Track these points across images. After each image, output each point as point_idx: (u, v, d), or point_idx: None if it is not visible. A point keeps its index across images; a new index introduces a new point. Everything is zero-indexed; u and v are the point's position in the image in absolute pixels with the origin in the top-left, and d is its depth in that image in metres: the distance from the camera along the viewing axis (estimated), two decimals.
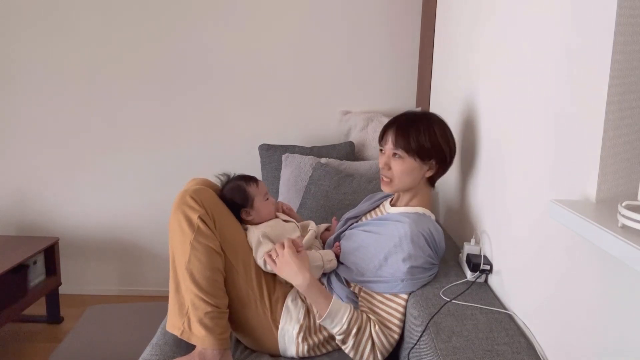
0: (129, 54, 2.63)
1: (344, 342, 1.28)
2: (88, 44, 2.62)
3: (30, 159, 2.75)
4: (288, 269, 1.30)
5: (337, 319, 1.27)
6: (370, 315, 1.33)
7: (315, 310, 1.37)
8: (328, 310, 1.26)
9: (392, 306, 1.33)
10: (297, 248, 1.33)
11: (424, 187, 1.46)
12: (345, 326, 1.26)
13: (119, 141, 2.72)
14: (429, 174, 1.42)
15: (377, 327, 1.29)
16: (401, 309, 1.32)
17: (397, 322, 1.32)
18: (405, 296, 1.33)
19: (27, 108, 2.70)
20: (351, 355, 1.30)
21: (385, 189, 1.45)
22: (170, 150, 2.72)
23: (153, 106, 2.68)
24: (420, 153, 1.37)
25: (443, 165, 1.43)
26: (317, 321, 1.31)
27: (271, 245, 1.39)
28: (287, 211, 1.63)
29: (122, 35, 2.61)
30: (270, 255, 1.34)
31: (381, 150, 1.45)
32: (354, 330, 1.27)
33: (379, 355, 1.29)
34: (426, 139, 1.37)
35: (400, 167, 1.39)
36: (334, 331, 1.28)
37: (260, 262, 1.38)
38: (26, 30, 2.62)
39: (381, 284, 1.34)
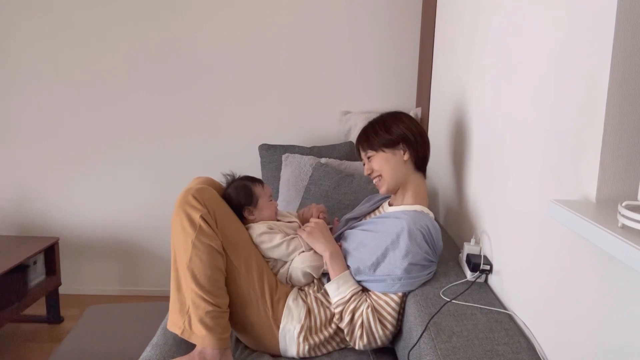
0: (129, 54, 2.63)
1: (341, 316, 1.34)
2: (89, 44, 2.62)
3: (30, 159, 2.75)
4: (320, 235, 1.43)
5: (343, 287, 1.35)
6: (369, 299, 1.36)
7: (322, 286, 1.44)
8: (338, 276, 1.36)
9: (385, 300, 1.34)
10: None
11: (414, 177, 1.49)
12: (347, 297, 1.34)
13: (119, 141, 2.72)
14: (406, 157, 1.46)
15: (369, 309, 1.33)
16: (394, 305, 1.33)
17: (389, 317, 1.33)
18: (400, 294, 1.33)
19: (27, 108, 2.70)
20: (345, 331, 1.35)
21: (382, 190, 1.50)
22: (170, 150, 2.72)
23: (153, 106, 2.68)
24: (384, 144, 1.46)
25: (414, 146, 1.47)
26: (324, 285, 1.39)
27: (280, 235, 1.44)
28: (322, 215, 1.62)
29: (122, 35, 2.61)
30: (302, 229, 1.47)
31: (363, 163, 1.55)
32: (352, 306, 1.33)
33: (365, 338, 1.33)
34: (382, 131, 1.47)
35: (378, 163, 1.48)
36: (335, 300, 1.35)
37: (276, 244, 1.43)
38: (25, 29, 2.62)
39: (378, 283, 1.35)
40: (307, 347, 1.36)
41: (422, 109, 2.42)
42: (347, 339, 1.36)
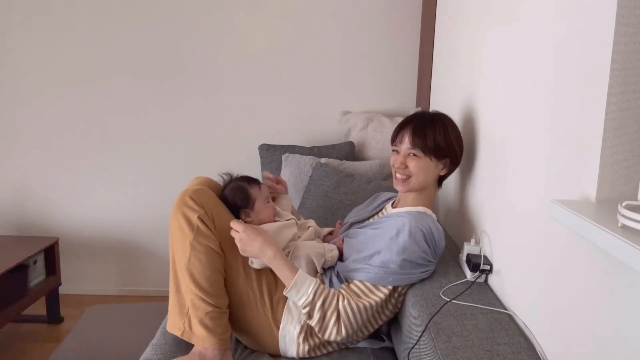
0: (129, 54, 2.63)
1: (309, 315, 1.30)
2: (88, 44, 2.62)
3: (30, 159, 2.75)
4: (250, 246, 1.31)
5: (303, 289, 1.29)
6: (342, 291, 1.33)
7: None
8: (294, 280, 1.29)
9: (372, 290, 1.33)
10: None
11: (431, 187, 1.48)
12: (310, 297, 1.29)
13: (119, 141, 2.72)
14: (443, 172, 1.46)
15: (345, 301, 1.30)
16: (381, 295, 1.32)
17: (369, 305, 1.31)
18: (390, 287, 1.33)
19: (27, 108, 2.70)
20: (317, 329, 1.31)
21: (401, 188, 1.46)
22: (170, 150, 2.72)
23: (153, 106, 2.68)
24: (436, 152, 1.42)
25: (455, 164, 1.48)
26: (284, 292, 1.31)
27: None
28: (281, 183, 1.65)
29: (122, 36, 2.61)
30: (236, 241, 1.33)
31: (395, 150, 1.48)
32: (319, 302, 1.29)
33: (343, 330, 1.30)
34: (442, 138, 1.42)
35: (418, 166, 1.42)
36: (300, 303, 1.30)
37: (249, 260, 1.38)
38: (26, 29, 2.62)
39: (369, 273, 1.33)
40: (307, 348, 1.36)
41: (422, 109, 2.42)
42: (320, 335, 1.32)
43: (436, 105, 2.18)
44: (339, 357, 1.39)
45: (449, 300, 1.24)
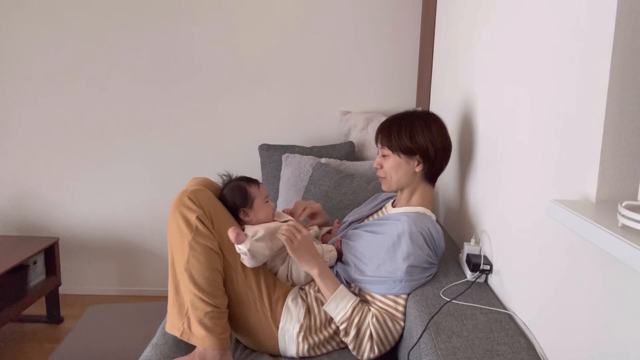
0: (128, 53, 2.63)
1: (346, 332, 1.31)
2: (87, 44, 2.62)
3: (31, 159, 2.75)
4: (306, 252, 1.35)
5: (342, 304, 1.31)
6: (372, 308, 1.34)
7: (314, 302, 1.39)
8: (334, 294, 1.31)
9: (391, 305, 1.34)
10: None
11: (421, 185, 1.47)
12: (349, 312, 1.30)
13: (118, 141, 2.72)
14: (418, 169, 1.43)
15: (374, 319, 1.31)
16: (401, 308, 1.33)
17: (398, 323, 1.32)
18: (404, 296, 1.33)
19: (26, 108, 2.70)
20: (351, 346, 1.32)
21: (384, 188, 1.50)
22: (170, 150, 2.72)
23: (153, 106, 2.68)
24: (402, 150, 1.42)
25: (430, 161, 1.43)
26: (323, 307, 1.33)
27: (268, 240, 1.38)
28: (316, 209, 1.64)
29: (121, 35, 2.61)
30: (287, 236, 1.34)
31: (377, 152, 1.51)
32: (356, 319, 1.30)
33: (376, 348, 1.31)
34: (406, 136, 1.42)
35: (388, 164, 1.45)
36: (337, 318, 1.31)
37: (248, 260, 1.35)
38: (24, 29, 2.62)
39: (379, 285, 1.34)
40: (306, 347, 1.36)
41: (422, 109, 2.42)
42: (354, 353, 1.33)
43: (436, 105, 2.18)
44: (339, 356, 1.39)
45: (449, 300, 1.24)
